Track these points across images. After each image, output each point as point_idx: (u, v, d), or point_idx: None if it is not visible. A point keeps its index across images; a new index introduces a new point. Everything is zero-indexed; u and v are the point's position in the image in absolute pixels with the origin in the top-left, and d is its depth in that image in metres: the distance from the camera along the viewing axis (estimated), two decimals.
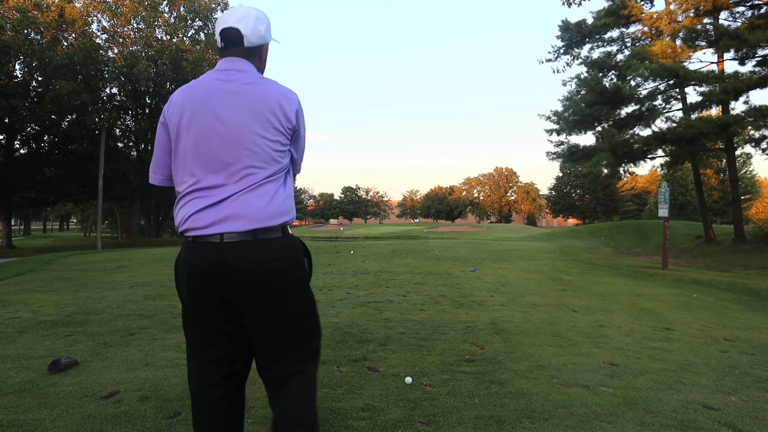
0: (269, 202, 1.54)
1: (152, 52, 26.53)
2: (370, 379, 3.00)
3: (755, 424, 2.47)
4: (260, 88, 1.60)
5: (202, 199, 1.54)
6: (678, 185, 43.81)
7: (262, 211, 1.53)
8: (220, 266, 1.50)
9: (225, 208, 1.52)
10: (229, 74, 1.62)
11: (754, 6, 17.33)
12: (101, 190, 24.10)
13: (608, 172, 21.31)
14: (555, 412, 2.52)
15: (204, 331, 1.61)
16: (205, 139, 1.55)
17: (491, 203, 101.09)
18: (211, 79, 1.62)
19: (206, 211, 1.53)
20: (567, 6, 21.07)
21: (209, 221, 1.52)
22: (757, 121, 15.43)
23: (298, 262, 1.61)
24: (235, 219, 1.51)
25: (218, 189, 1.53)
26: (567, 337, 4.19)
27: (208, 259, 1.52)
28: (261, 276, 1.51)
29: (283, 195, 1.60)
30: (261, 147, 1.54)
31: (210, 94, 1.58)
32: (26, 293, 6.79)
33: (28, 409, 2.51)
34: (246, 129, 1.54)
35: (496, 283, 7.85)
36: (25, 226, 58.86)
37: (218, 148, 1.54)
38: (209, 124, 1.55)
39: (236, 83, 1.59)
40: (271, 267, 1.52)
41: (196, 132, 1.56)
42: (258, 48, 1.68)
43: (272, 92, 1.59)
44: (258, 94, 1.58)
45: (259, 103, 1.56)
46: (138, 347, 3.74)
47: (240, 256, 1.50)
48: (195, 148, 1.56)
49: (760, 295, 7.40)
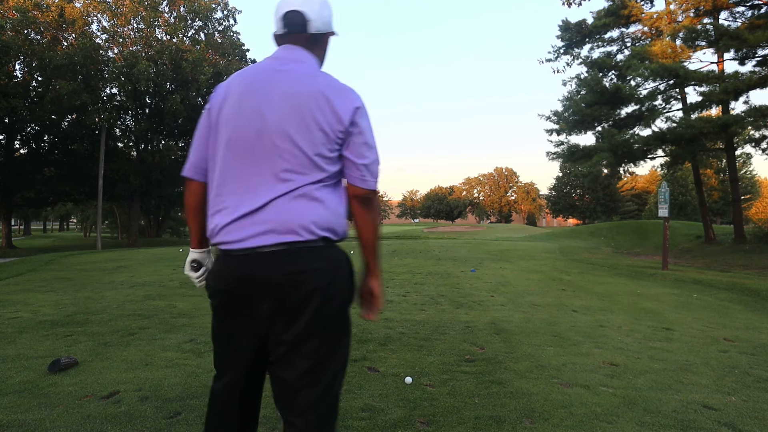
0: (308, 211, 1.34)
1: (152, 52, 26.54)
2: (370, 379, 3.00)
3: (755, 424, 2.47)
4: (312, 83, 1.38)
5: (235, 208, 1.35)
6: (678, 185, 43.79)
7: (300, 218, 1.33)
8: (251, 280, 1.33)
9: (258, 215, 1.34)
10: (283, 63, 1.43)
11: (754, 6, 17.33)
12: (101, 190, 24.11)
13: (608, 172, 21.34)
14: (555, 412, 2.52)
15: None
16: (242, 136, 1.37)
17: (491, 203, 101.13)
18: (263, 67, 1.44)
19: (238, 222, 1.35)
20: (567, 6, 21.08)
21: (241, 233, 1.34)
22: (757, 121, 15.44)
23: (339, 277, 1.39)
24: (267, 229, 1.32)
25: (252, 195, 1.35)
26: (567, 337, 4.19)
27: (240, 273, 1.34)
28: (291, 289, 1.32)
29: (342, 205, 1.42)
30: (303, 151, 1.33)
31: (257, 85, 1.39)
32: (26, 293, 6.79)
33: (28, 409, 2.51)
34: (286, 128, 1.34)
35: (496, 283, 7.85)
36: (25, 226, 58.83)
37: (255, 147, 1.36)
38: (249, 119, 1.36)
39: (289, 75, 1.40)
40: (304, 280, 1.32)
41: (234, 126, 1.38)
42: (322, 36, 1.50)
43: (324, 88, 1.37)
44: (307, 90, 1.37)
45: (306, 100, 1.35)
46: (138, 347, 3.74)
47: (271, 269, 1.31)
48: (231, 145, 1.38)
49: (760, 295, 7.40)
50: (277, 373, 1.37)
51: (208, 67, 26.67)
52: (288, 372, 1.34)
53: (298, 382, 1.34)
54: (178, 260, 11.46)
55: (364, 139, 1.40)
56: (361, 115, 1.40)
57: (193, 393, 2.74)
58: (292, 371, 1.34)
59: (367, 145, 1.41)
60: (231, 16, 31.49)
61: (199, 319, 4.77)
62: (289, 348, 1.33)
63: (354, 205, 1.44)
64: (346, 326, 1.43)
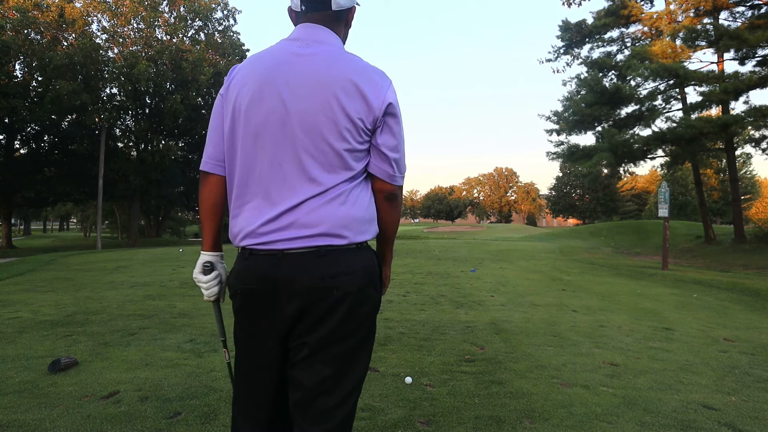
0: (339, 210, 1.26)
1: (152, 52, 26.53)
2: (370, 379, 3.00)
3: (755, 424, 2.47)
4: (338, 67, 1.25)
5: (260, 209, 1.27)
6: (678, 185, 43.79)
7: (331, 221, 1.24)
8: (276, 281, 1.25)
9: (285, 217, 1.25)
10: (304, 45, 1.29)
11: (754, 6, 17.34)
12: (101, 190, 24.11)
13: (608, 172, 21.35)
14: (555, 412, 2.52)
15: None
16: (263, 128, 1.25)
17: (491, 203, 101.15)
18: (282, 49, 1.30)
19: (265, 224, 1.26)
20: (567, 6, 21.09)
21: (267, 234, 1.26)
22: (757, 121, 15.45)
23: (369, 281, 1.31)
24: (295, 229, 1.24)
25: (279, 195, 1.25)
26: (567, 337, 4.19)
27: (264, 273, 1.26)
28: (320, 293, 1.24)
29: (372, 205, 1.34)
30: (329, 144, 1.23)
31: (278, 70, 1.26)
32: (26, 293, 6.79)
33: (28, 409, 2.51)
34: (312, 119, 1.22)
35: (496, 283, 7.85)
36: (25, 226, 58.83)
37: (278, 140, 1.25)
38: (271, 110, 1.24)
39: (312, 58, 1.27)
40: (335, 285, 1.24)
41: (254, 116, 1.26)
42: (347, 12, 1.37)
43: (353, 73, 1.24)
44: (334, 75, 1.24)
45: (332, 87, 1.23)
46: (138, 347, 3.74)
47: (299, 272, 1.24)
48: (251, 138, 1.26)
49: (760, 295, 7.40)
50: (295, 376, 1.29)
51: (208, 67, 26.66)
52: (307, 376, 1.27)
53: (316, 388, 1.26)
54: (178, 260, 11.46)
55: (396, 131, 1.30)
56: (394, 104, 1.28)
57: (193, 393, 2.74)
58: (311, 376, 1.26)
59: (398, 138, 1.31)
60: (231, 16, 31.50)
61: (199, 319, 4.77)
62: (311, 352, 1.26)
63: (379, 201, 1.36)
64: (371, 333, 1.36)
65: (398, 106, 1.31)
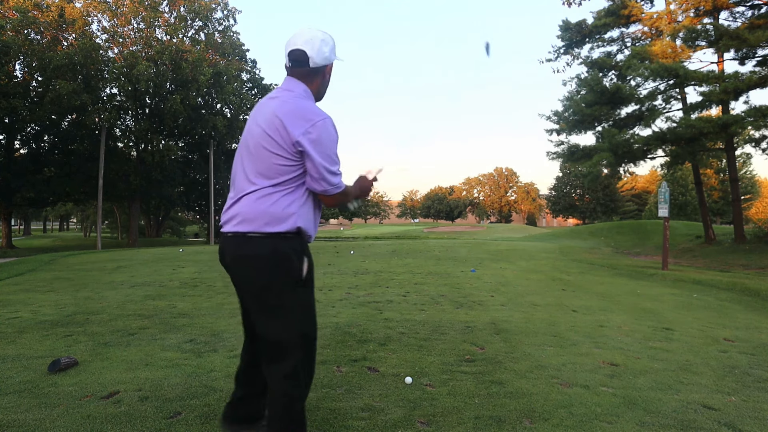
0: (265, 206, 1.76)
1: (152, 53, 26.54)
2: (370, 379, 3.00)
3: (755, 424, 2.47)
4: (283, 105, 1.77)
5: (228, 201, 1.89)
6: (678, 185, 43.79)
7: (254, 214, 1.76)
8: (223, 255, 1.88)
9: (233, 208, 1.83)
10: (279, 92, 1.86)
11: (754, 6, 17.33)
12: (101, 190, 24.13)
13: (608, 172, 21.32)
14: (555, 412, 2.52)
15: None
16: (240, 146, 1.91)
17: (491, 203, 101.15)
18: (267, 96, 1.92)
19: (225, 212, 1.86)
20: (567, 6, 21.10)
21: (224, 219, 1.85)
22: (757, 121, 15.43)
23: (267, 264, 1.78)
24: (236, 219, 1.80)
25: (236, 191, 1.85)
26: (567, 337, 4.19)
27: (221, 248, 1.90)
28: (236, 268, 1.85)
29: (293, 206, 1.78)
30: (266, 158, 1.76)
31: (258, 108, 1.90)
32: (26, 293, 6.79)
33: (28, 409, 2.51)
34: (260, 141, 1.77)
35: (496, 283, 7.85)
36: (25, 226, 58.83)
37: (244, 156, 1.85)
38: (247, 133, 1.86)
39: (276, 100, 1.81)
40: (242, 263, 1.81)
41: (241, 141, 1.91)
42: (322, 68, 1.88)
43: (287, 110, 1.75)
44: (277, 110, 1.76)
45: (274, 118, 1.75)
46: (138, 347, 3.74)
47: (229, 250, 1.84)
48: (237, 154, 1.93)
49: (760, 295, 7.40)
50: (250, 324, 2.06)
51: (208, 67, 26.67)
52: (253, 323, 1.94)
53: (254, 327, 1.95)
54: (178, 260, 11.46)
55: (314, 159, 1.73)
56: (302, 141, 1.71)
57: (193, 393, 2.74)
58: (248, 318, 2.04)
59: (314, 162, 1.74)
60: (231, 16, 31.52)
61: (199, 319, 4.77)
62: (243, 304, 2.02)
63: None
64: (278, 306, 1.82)
65: (313, 141, 1.72)
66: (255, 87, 34.32)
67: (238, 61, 31.88)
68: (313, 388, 2.84)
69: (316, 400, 2.66)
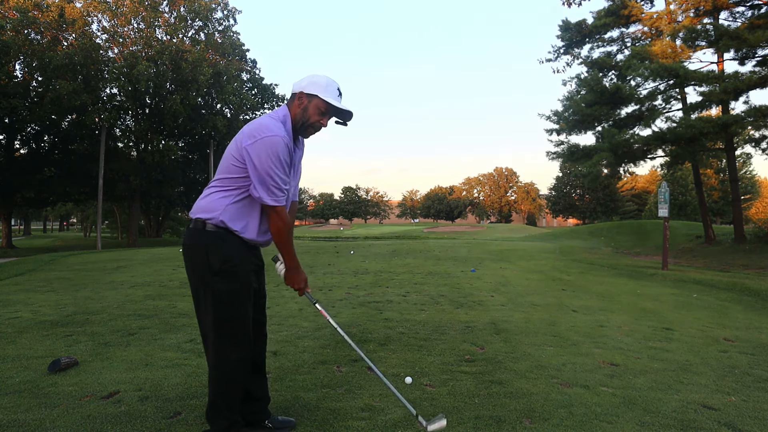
0: (205, 201, 2.09)
1: (152, 53, 26.49)
2: (370, 379, 3.00)
3: (755, 424, 2.47)
4: (253, 122, 2.07)
5: None
6: (678, 185, 43.76)
7: (196, 207, 2.12)
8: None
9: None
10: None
11: (754, 6, 17.33)
12: (101, 190, 24.11)
13: (608, 172, 21.30)
14: (555, 412, 2.52)
15: None
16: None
17: (491, 203, 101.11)
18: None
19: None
20: (567, 6, 21.11)
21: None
22: (757, 121, 15.44)
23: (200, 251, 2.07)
24: (195, 209, 2.14)
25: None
26: (567, 337, 4.19)
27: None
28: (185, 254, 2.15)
29: (221, 201, 2.06)
30: (227, 163, 2.08)
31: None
32: (26, 293, 6.79)
33: (28, 409, 2.51)
34: (228, 151, 2.10)
35: (496, 283, 7.85)
36: (25, 226, 58.82)
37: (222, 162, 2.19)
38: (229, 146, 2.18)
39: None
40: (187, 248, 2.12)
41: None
42: (296, 93, 2.15)
43: (250, 125, 2.06)
44: (247, 125, 2.11)
45: (239, 136, 2.08)
46: (138, 347, 3.74)
47: (185, 239, 2.17)
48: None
49: (760, 295, 7.40)
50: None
51: (208, 67, 26.61)
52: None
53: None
54: (178, 260, 11.46)
55: (252, 171, 2.00)
56: (248, 152, 1.99)
57: (193, 393, 2.74)
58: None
59: (254, 176, 2.00)
60: (231, 16, 31.46)
61: None
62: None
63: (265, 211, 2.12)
64: (208, 288, 2.06)
65: (252, 154, 1.98)
66: (255, 87, 34.28)
67: (238, 61, 31.83)
68: (313, 388, 2.85)
69: (316, 400, 2.66)
